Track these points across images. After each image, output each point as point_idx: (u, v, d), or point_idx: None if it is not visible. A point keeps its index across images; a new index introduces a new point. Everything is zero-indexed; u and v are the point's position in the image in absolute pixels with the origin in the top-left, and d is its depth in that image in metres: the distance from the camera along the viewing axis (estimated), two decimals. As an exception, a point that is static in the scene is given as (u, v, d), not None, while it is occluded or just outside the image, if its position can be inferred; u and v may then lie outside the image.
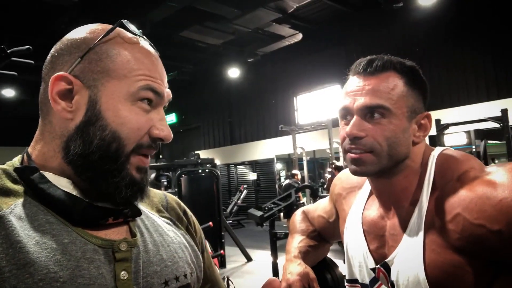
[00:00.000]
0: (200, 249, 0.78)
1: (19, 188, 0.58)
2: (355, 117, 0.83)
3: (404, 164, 0.85)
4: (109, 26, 0.64)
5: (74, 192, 0.59)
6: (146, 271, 0.62)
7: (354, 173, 0.86)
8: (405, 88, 0.83)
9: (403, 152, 0.83)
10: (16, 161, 0.63)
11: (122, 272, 0.58)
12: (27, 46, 2.18)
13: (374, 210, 0.93)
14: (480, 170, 0.78)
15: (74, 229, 0.57)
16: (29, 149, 0.64)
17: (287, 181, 9.03)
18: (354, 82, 0.85)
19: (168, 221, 0.75)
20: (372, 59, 0.85)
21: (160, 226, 0.71)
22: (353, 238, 0.96)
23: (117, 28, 0.63)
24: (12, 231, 0.52)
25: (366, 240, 0.92)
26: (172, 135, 0.65)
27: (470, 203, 0.74)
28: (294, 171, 9.09)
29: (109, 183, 0.60)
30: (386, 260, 0.85)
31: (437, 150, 0.87)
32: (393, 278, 0.83)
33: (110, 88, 0.59)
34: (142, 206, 0.71)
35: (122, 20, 0.64)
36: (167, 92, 0.66)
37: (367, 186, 0.99)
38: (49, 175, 0.59)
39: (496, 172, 0.75)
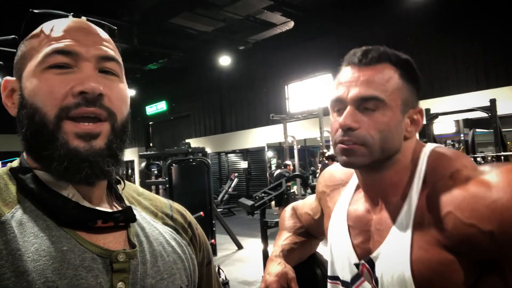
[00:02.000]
0: (202, 262, 0.77)
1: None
2: (348, 108, 0.80)
3: (395, 158, 0.83)
4: (74, 20, 0.65)
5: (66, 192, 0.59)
6: (142, 283, 0.60)
7: (345, 164, 0.83)
8: (400, 80, 0.81)
9: (395, 146, 0.82)
10: (16, 163, 0.63)
11: (120, 283, 0.57)
12: (13, 36, 2.13)
13: (361, 204, 0.91)
14: (472, 169, 0.77)
15: (73, 236, 0.57)
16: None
17: (278, 171, 9.06)
18: (348, 72, 0.83)
19: (172, 229, 0.73)
20: (367, 50, 0.83)
21: (161, 234, 0.69)
22: (337, 234, 0.94)
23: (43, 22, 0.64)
24: (14, 237, 0.52)
25: (350, 236, 0.90)
26: (100, 88, 0.58)
27: (463, 202, 0.72)
28: (287, 162, 9.12)
29: (43, 156, 0.57)
30: (371, 256, 0.83)
31: (429, 147, 0.85)
32: (377, 274, 0.81)
33: (27, 70, 0.61)
34: (144, 213, 0.70)
35: (32, 10, 0.65)
36: (96, 49, 0.61)
37: (352, 182, 0.97)
38: (40, 174, 0.59)
39: (490, 173, 0.73)
